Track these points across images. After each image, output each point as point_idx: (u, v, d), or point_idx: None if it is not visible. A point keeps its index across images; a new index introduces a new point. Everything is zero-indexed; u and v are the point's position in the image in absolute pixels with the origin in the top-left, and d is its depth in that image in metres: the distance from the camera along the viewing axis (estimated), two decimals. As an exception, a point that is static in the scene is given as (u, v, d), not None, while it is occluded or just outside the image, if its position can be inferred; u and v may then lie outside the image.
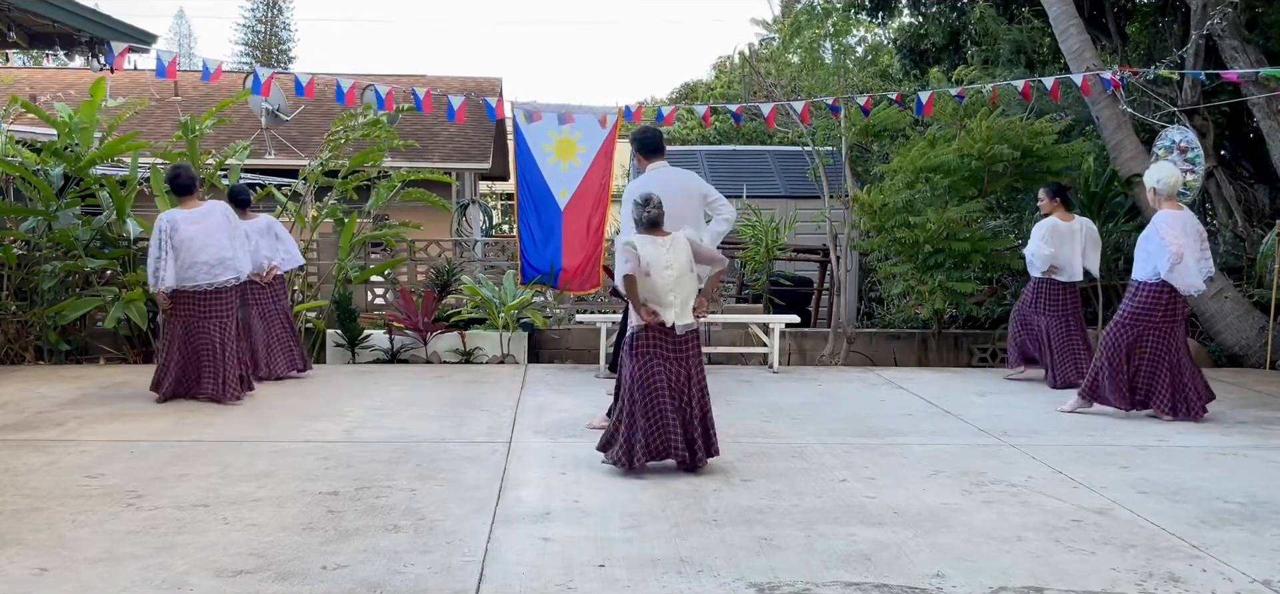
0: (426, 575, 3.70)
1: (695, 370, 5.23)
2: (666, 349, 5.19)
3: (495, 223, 23.71)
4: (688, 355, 5.21)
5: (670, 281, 5.15)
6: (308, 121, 18.72)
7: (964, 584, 3.69)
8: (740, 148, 19.01)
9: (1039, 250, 8.13)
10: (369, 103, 10.28)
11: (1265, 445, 6.13)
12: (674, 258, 5.17)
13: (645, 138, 6.51)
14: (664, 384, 5.16)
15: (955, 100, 10.54)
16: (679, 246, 5.21)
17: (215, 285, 6.91)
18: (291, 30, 49.89)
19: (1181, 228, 6.63)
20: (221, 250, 6.92)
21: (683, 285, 5.19)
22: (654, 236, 5.22)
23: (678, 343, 5.20)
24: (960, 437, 6.27)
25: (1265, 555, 4.06)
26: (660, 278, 5.16)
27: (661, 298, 5.16)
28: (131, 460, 5.29)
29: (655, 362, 5.18)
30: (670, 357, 5.18)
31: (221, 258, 6.92)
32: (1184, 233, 6.61)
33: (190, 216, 6.85)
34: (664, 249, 5.18)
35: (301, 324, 9.87)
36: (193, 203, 6.93)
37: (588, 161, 9.22)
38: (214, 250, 6.89)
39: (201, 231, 6.85)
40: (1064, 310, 8.19)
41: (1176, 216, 6.69)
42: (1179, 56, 11.14)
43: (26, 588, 3.54)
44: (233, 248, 7.03)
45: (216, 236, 6.92)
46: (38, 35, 9.99)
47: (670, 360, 5.18)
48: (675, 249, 5.19)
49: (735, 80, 29.26)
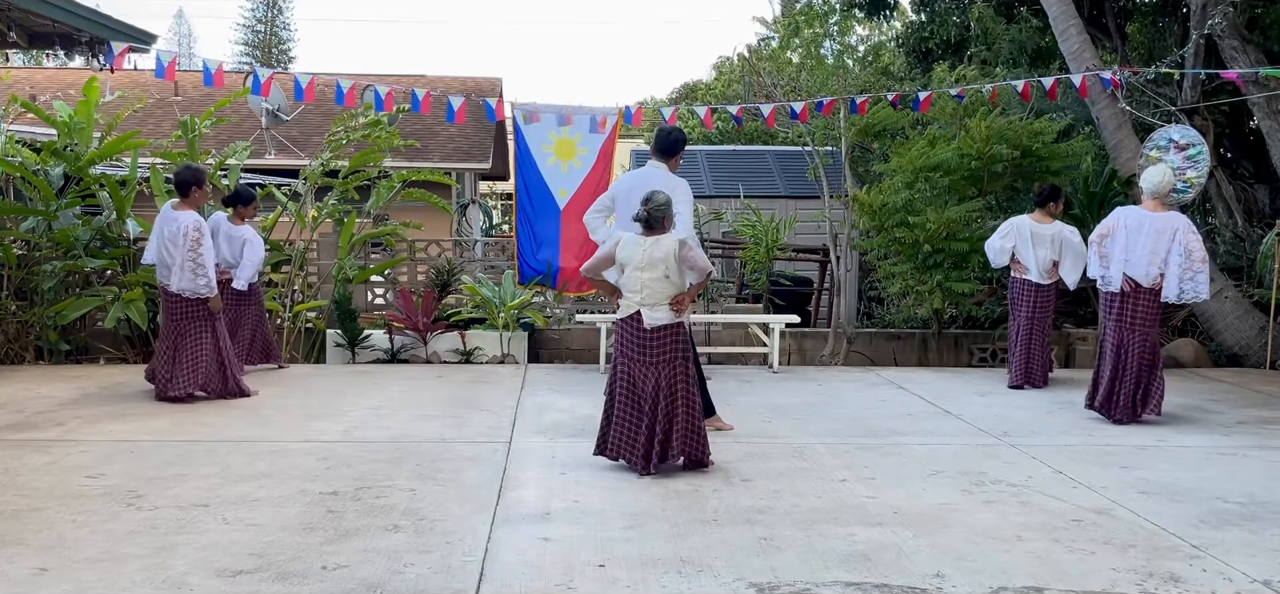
0: (426, 575, 3.70)
1: (665, 373, 5.17)
2: (633, 347, 5.22)
3: (495, 223, 23.71)
4: (658, 357, 5.18)
5: (638, 282, 5.19)
6: (308, 122, 18.72)
7: (964, 584, 3.69)
8: (740, 148, 19.02)
9: (991, 242, 8.36)
10: (369, 103, 10.28)
11: (1265, 445, 6.13)
12: (651, 258, 5.18)
13: (660, 136, 6.49)
14: (625, 384, 5.21)
15: (955, 100, 10.54)
16: (662, 248, 5.20)
17: None
18: (291, 30, 49.99)
19: (1117, 221, 6.77)
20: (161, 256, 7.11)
21: (654, 287, 5.18)
22: (643, 235, 5.25)
23: (644, 339, 5.19)
24: (960, 437, 6.27)
25: (1265, 555, 4.06)
26: (630, 276, 5.23)
27: (627, 295, 5.27)
28: (131, 460, 5.29)
29: (621, 359, 5.26)
30: (634, 355, 5.21)
31: None
32: (1124, 228, 6.69)
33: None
34: (643, 248, 5.21)
35: (301, 324, 9.87)
36: (186, 206, 7.05)
37: (588, 163, 9.23)
38: None
39: None
40: (1020, 308, 8.22)
41: (1121, 213, 6.85)
42: (1179, 56, 11.14)
43: (26, 588, 3.54)
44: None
45: None
46: (38, 35, 9.99)
47: (635, 359, 5.21)
48: (657, 249, 5.19)
49: (735, 80, 29.26)
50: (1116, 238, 6.74)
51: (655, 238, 5.22)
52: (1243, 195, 12.37)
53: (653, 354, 5.18)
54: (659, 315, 5.19)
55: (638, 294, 5.20)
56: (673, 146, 6.43)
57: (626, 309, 5.27)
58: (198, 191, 7.09)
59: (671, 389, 5.18)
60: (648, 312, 5.18)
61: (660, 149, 6.44)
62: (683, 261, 5.21)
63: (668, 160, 6.41)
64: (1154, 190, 6.70)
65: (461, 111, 10.00)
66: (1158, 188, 6.69)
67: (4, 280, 9.20)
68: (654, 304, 5.18)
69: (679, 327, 5.24)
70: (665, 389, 5.16)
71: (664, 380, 5.17)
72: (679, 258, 5.19)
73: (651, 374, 5.18)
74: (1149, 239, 6.59)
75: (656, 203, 5.25)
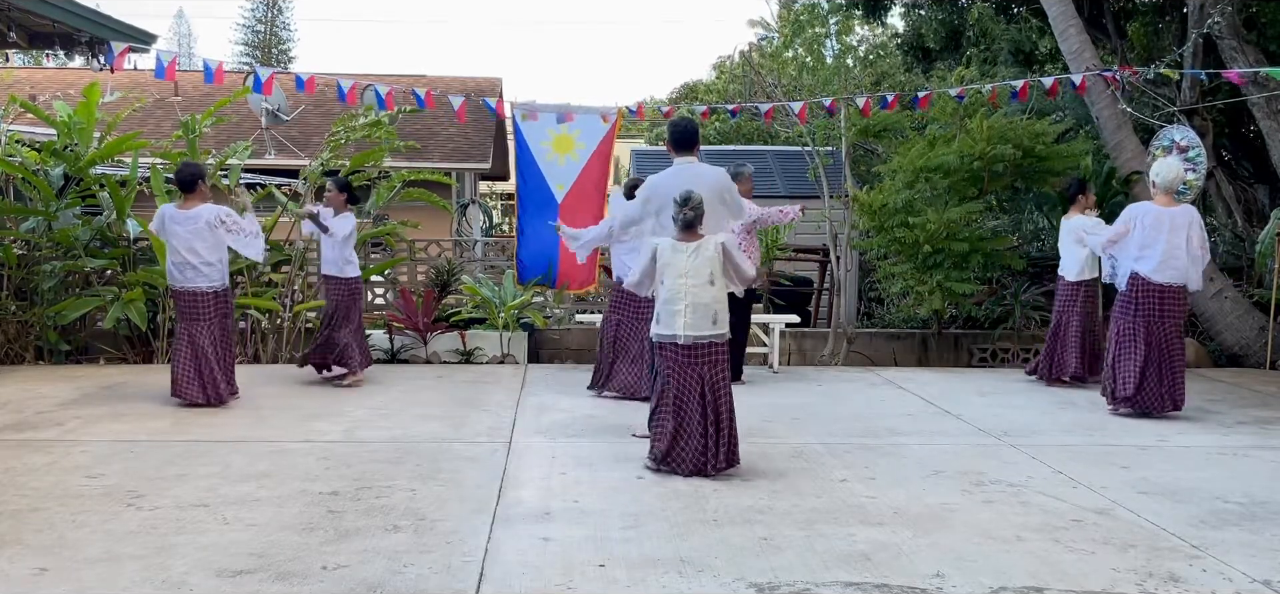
0: (426, 575, 3.70)
1: (708, 378, 5.04)
2: (673, 361, 5.07)
3: (495, 223, 23.69)
4: (701, 366, 5.02)
5: (682, 290, 4.99)
6: (308, 121, 18.72)
7: (964, 584, 3.69)
8: (740, 148, 19.00)
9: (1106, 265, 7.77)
10: (370, 103, 10.28)
11: (1265, 445, 6.13)
12: (695, 265, 4.98)
13: (675, 129, 6.03)
14: (671, 393, 5.06)
15: (955, 100, 10.54)
16: (705, 254, 5.00)
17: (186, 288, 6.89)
18: (291, 30, 49.90)
19: (1131, 218, 6.91)
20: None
21: (699, 295, 4.99)
22: (683, 241, 5.04)
23: (683, 353, 5.03)
24: (960, 437, 6.27)
25: (1265, 555, 4.06)
26: (673, 284, 5.01)
27: (671, 305, 5.03)
28: (131, 460, 5.29)
29: (667, 371, 5.09)
30: (676, 368, 5.06)
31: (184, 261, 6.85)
32: (1140, 225, 6.84)
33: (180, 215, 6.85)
34: (686, 255, 5.00)
35: (301, 324, 9.87)
36: (193, 201, 6.91)
37: (584, 158, 9.22)
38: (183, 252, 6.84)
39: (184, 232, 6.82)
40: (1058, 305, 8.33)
41: (1134, 210, 7.00)
42: (1178, 56, 11.14)
43: (26, 588, 3.54)
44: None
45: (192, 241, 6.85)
46: (38, 35, 9.99)
47: (680, 370, 5.05)
48: (700, 255, 5.00)
49: (735, 80, 29.26)
50: (1136, 238, 6.86)
51: (695, 241, 5.02)
52: (1243, 195, 12.38)
53: (695, 363, 5.01)
54: (703, 329, 4.97)
55: (682, 302, 4.97)
56: (692, 135, 6.01)
57: (672, 327, 5.02)
58: (202, 184, 7.00)
59: (716, 392, 5.04)
60: (691, 326, 4.96)
61: (681, 143, 5.92)
62: (731, 267, 5.03)
63: (692, 152, 5.97)
64: (1166, 185, 6.86)
65: (462, 110, 10.01)
66: (1170, 183, 6.86)
67: (4, 280, 9.20)
68: (698, 316, 4.97)
69: (718, 340, 5.07)
70: (711, 391, 5.02)
71: (707, 383, 5.03)
72: (726, 260, 5.01)
73: (695, 378, 5.02)
74: (1169, 233, 6.77)
75: (697, 201, 5.01)
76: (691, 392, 5.03)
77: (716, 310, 5.05)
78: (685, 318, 5.00)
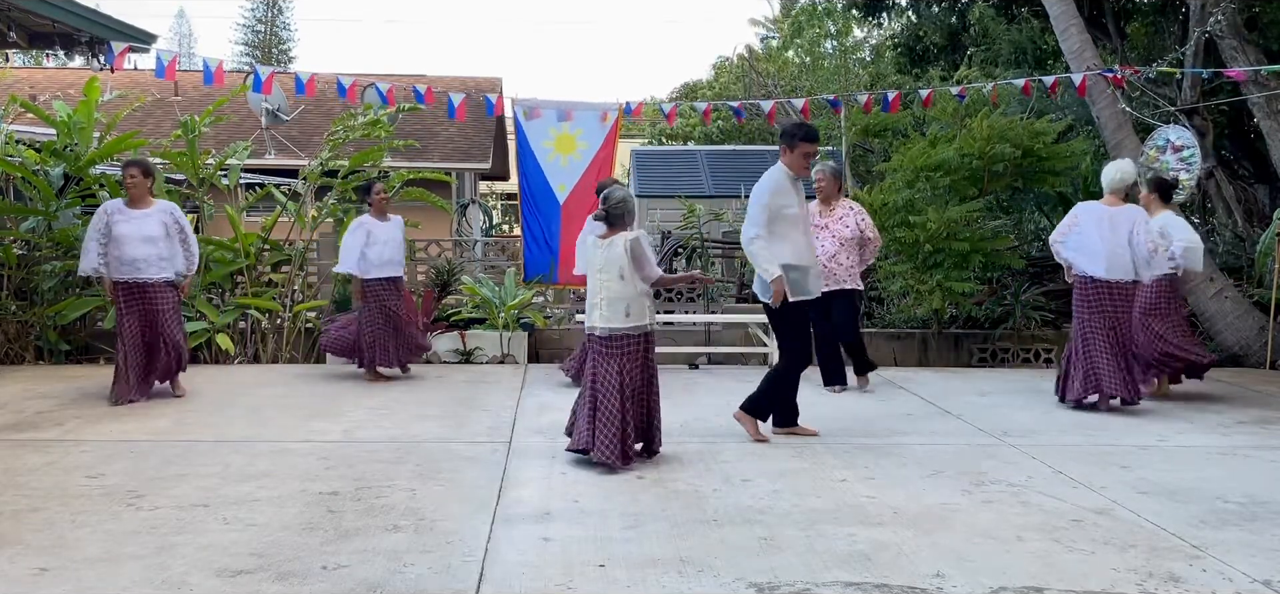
0: (426, 575, 3.70)
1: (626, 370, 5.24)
2: (594, 350, 5.35)
3: (495, 223, 23.69)
4: (619, 358, 5.25)
5: (598, 284, 5.31)
6: (308, 121, 18.73)
7: (964, 584, 3.69)
8: (741, 147, 19.00)
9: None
10: (370, 103, 10.27)
11: (1265, 445, 6.12)
12: (607, 260, 5.28)
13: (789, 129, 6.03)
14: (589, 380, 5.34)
15: (956, 100, 10.54)
16: (614, 250, 5.28)
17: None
18: (291, 30, 50.02)
19: (1077, 214, 7.17)
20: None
21: (607, 289, 5.27)
22: (603, 237, 5.34)
23: (601, 343, 5.29)
24: (960, 437, 6.27)
25: (1265, 555, 4.06)
26: (593, 279, 5.36)
27: (590, 298, 5.39)
28: (131, 460, 5.29)
29: (591, 360, 5.40)
30: (597, 357, 5.33)
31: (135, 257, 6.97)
32: (1083, 223, 7.07)
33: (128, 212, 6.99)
34: (602, 250, 5.32)
35: (301, 324, 9.87)
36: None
37: (587, 157, 9.24)
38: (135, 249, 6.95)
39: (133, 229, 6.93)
40: None
41: (1080, 208, 7.26)
42: (1178, 55, 11.14)
43: (26, 588, 3.54)
44: None
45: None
46: (38, 35, 9.98)
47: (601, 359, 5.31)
48: (611, 251, 5.29)
49: (735, 80, 29.24)
50: (1079, 232, 7.12)
51: (609, 236, 5.32)
52: (1243, 195, 12.37)
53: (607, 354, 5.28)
54: (614, 322, 5.26)
55: (597, 295, 5.31)
56: (784, 136, 6.00)
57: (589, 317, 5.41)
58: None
59: (592, 384, 5.28)
60: (604, 318, 5.28)
61: (779, 138, 6.08)
62: (636, 262, 5.26)
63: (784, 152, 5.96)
64: (1111, 186, 7.12)
65: (462, 109, 10.01)
66: (1115, 182, 7.12)
67: (4, 280, 9.20)
68: (610, 307, 5.27)
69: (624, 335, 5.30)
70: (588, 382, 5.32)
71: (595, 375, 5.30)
72: (633, 258, 5.25)
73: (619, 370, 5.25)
74: (1110, 232, 6.99)
75: (619, 199, 5.33)
76: (611, 381, 5.24)
77: (628, 304, 5.29)
78: (601, 310, 5.32)
